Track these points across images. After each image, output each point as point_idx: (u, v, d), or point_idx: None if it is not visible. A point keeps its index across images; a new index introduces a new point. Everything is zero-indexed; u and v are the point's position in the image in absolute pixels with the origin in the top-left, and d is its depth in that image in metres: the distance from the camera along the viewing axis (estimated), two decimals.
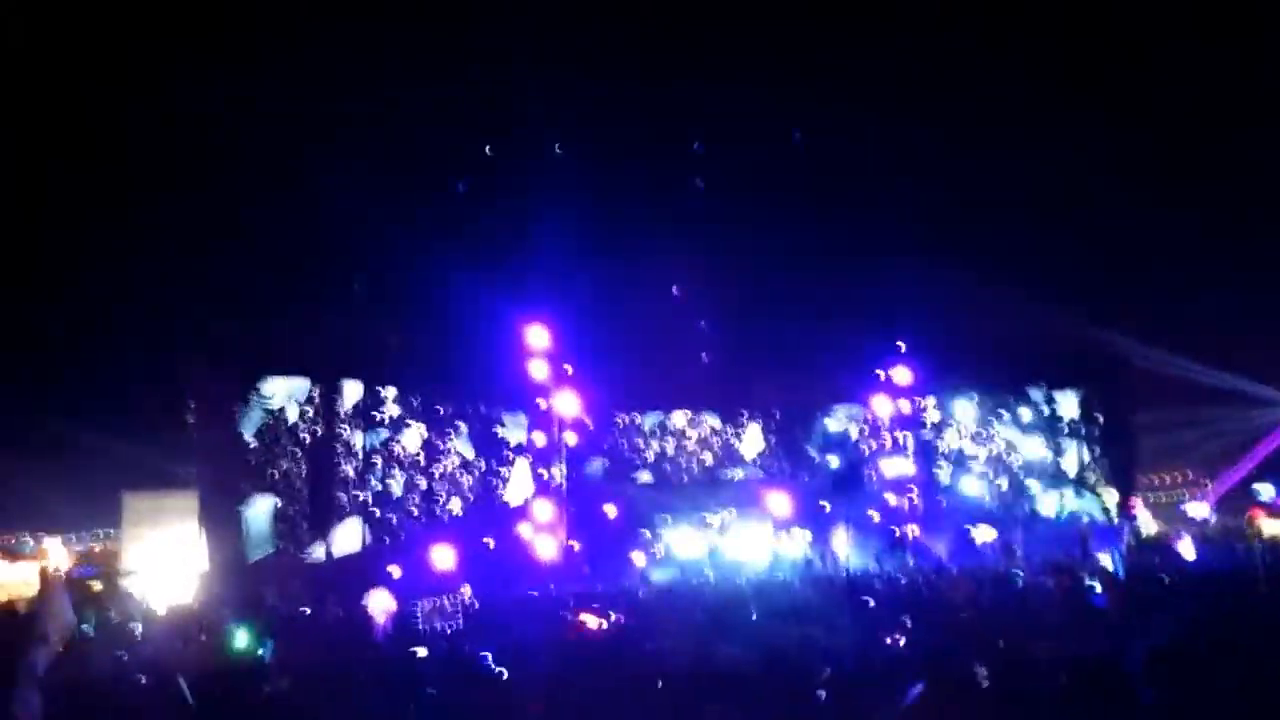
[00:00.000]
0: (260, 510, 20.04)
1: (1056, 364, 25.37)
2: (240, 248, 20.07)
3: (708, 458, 25.30)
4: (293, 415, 20.80)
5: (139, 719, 8.46)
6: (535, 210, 21.50)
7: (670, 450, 25.19)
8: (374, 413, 21.84)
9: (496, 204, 22.01)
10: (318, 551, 20.32)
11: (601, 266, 22.45)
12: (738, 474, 25.28)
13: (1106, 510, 24.72)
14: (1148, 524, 25.10)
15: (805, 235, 22.46)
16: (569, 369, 22.96)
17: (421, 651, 10.78)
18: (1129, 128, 20.68)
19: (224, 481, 19.73)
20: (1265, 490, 25.31)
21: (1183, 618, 8.81)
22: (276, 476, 20.40)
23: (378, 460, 21.69)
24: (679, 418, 25.37)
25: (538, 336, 22.57)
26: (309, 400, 20.99)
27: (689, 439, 25.40)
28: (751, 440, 25.62)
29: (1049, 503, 24.92)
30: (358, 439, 21.52)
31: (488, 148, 21.37)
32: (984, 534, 22.39)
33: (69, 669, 8.26)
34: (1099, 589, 12.40)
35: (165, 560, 20.01)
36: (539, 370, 22.67)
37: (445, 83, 20.71)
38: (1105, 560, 16.54)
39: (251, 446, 20.12)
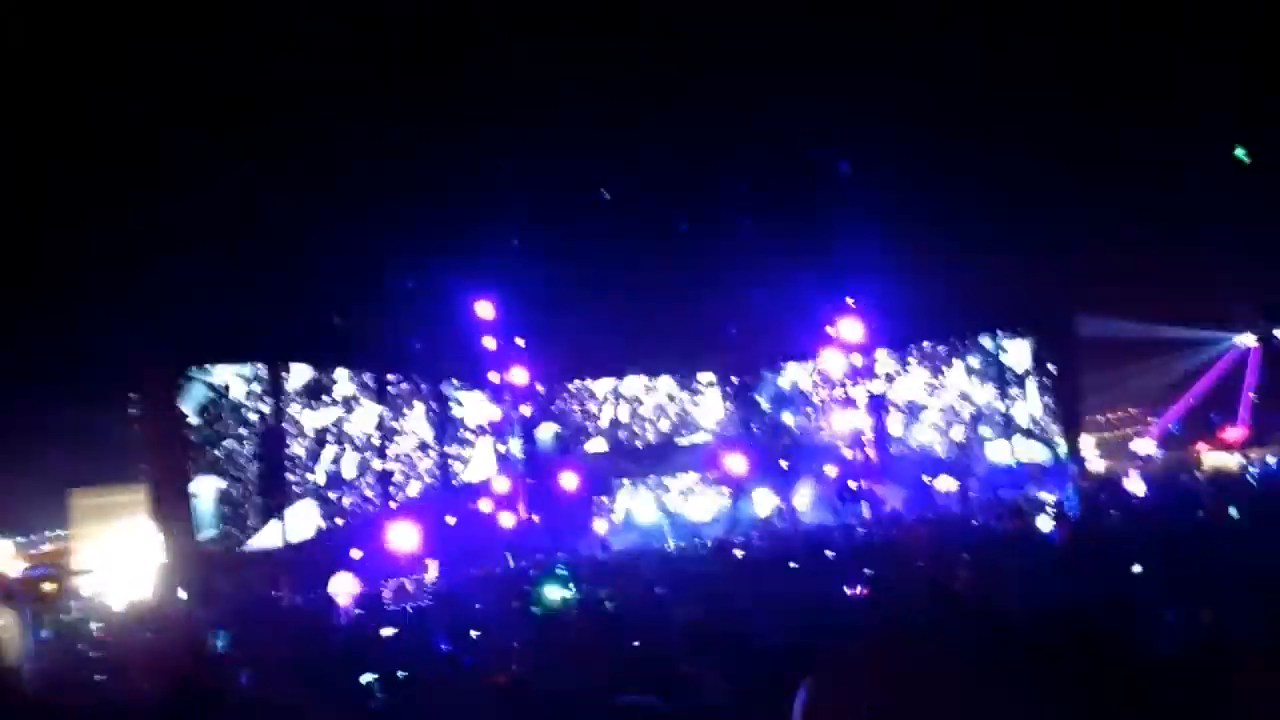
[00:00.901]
0: (205, 493, 19.56)
1: (1005, 311, 25.72)
2: (180, 233, 19.57)
3: (664, 424, 25.43)
4: (238, 392, 20.26)
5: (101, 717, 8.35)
6: (479, 179, 21.26)
7: (625, 417, 25.25)
8: (324, 393, 21.53)
9: (439, 176, 21.68)
10: (266, 535, 19.99)
11: (549, 233, 22.29)
12: (696, 438, 25.44)
13: (1056, 453, 25.21)
14: (1096, 463, 25.69)
15: (753, 192, 22.45)
16: (520, 341, 22.89)
17: (388, 632, 10.74)
18: (1071, 72, 20.77)
19: (171, 471, 19.36)
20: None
21: (1133, 549, 9.01)
22: (220, 457, 19.88)
23: (329, 440, 21.39)
24: (634, 383, 25.43)
25: (486, 309, 22.44)
26: (255, 378, 20.54)
27: (644, 405, 25.50)
28: (710, 406, 25.76)
29: (1001, 449, 25.36)
30: (307, 418, 21.16)
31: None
32: (945, 483, 22.72)
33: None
34: (1050, 528, 12.68)
35: (118, 557, 19.69)
36: (489, 344, 22.56)
37: (390, 59, 20.33)
38: (1054, 500, 16.89)
39: (193, 425, 19.64)
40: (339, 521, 20.88)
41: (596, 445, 24.89)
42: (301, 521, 20.43)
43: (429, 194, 21.37)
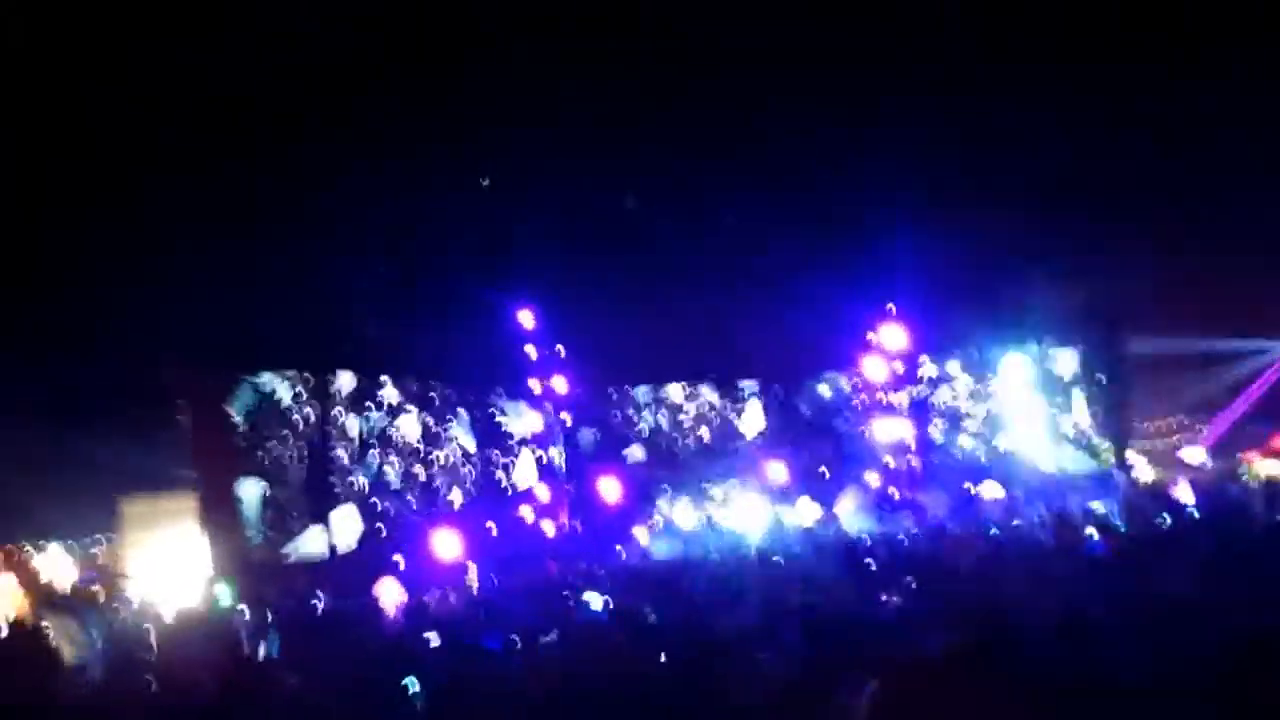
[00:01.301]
0: (249, 496, 19.79)
1: (1051, 319, 25.40)
2: (225, 243, 19.87)
3: (705, 433, 25.34)
4: (285, 396, 20.49)
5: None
6: (522, 189, 21.40)
7: (665, 424, 25.21)
8: (369, 399, 21.69)
9: (483, 187, 21.83)
10: (310, 540, 20.16)
11: (591, 241, 22.37)
12: (738, 445, 25.33)
13: (1103, 462, 24.84)
14: (1145, 472, 25.26)
15: (793, 199, 22.37)
16: (561, 349, 23.01)
17: (433, 638, 10.83)
18: (1122, 78, 20.43)
19: (219, 479, 19.68)
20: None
21: (1187, 560, 8.87)
22: (266, 460, 20.07)
23: (375, 446, 21.57)
24: (674, 390, 25.39)
25: (527, 318, 22.61)
26: (302, 382, 20.77)
27: (686, 413, 25.45)
28: (752, 418, 25.63)
29: (1047, 458, 25.04)
30: (353, 423, 21.33)
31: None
32: (991, 490, 22.44)
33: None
34: (1096, 537, 12.51)
35: (167, 564, 20.00)
36: (531, 352, 22.72)
37: (430, 69, 20.51)
38: (1101, 510, 16.65)
39: (240, 429, 19.85)
40: (380, 528, 21.05)
41: (636, 453, 24.88)
42: (345, 527, 20.64)
43: (472, 202, 21.57)
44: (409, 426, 22.07)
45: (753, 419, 25.52)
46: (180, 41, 17.40)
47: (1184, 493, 18.07)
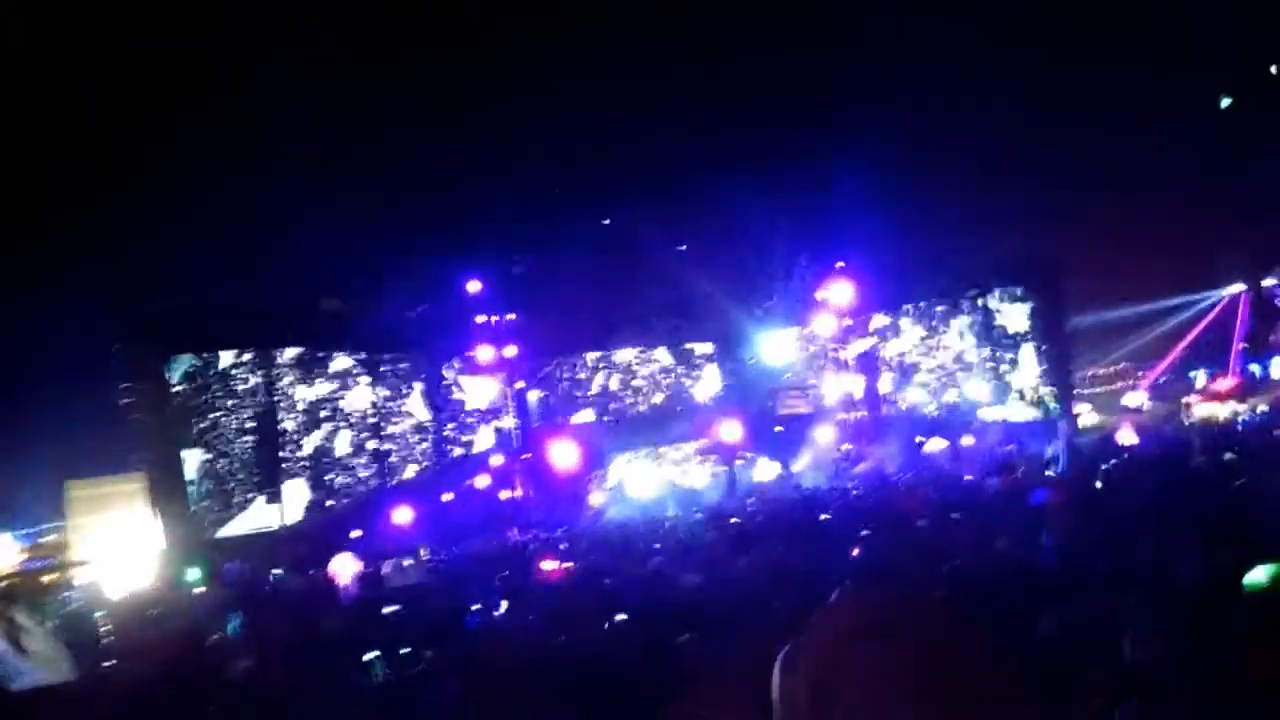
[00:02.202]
0: (189, 467, 19.43)
1: (996, 268, 25.69)
2: (169, 220, 19.47)
3: (658, 398, 25.39)
4: (226, 361, 20.00)
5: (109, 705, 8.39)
6: (472, 154, 21.18)
7: (616, 386, 25.18)
8: (317, 366, 21.28)
9: (429, 154, 21.56)
10: (257, 513, 19.86)
11: (541, 204, 22.25)
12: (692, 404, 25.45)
13: (1048, 409, 25.29)
14: (1088, 417, 25.80)
15: (744, 157, 22.37)
16: (512, 316, 22.90)
17: (390, 610, 10.78)
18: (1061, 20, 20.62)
19: (166, 459, 19.36)
20: (1199, 377, 26.21)
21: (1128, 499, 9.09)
22: (205, 427, 19.71)
23: (323, 416, 21.19)
24: (626, 353, 25.38)
25: (475, 286, 22.43)
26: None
27: (638, 376, 25.46)
28: (708, 381, 25.67)
29: (993, 408, 25.44)
30: (300, 391, 20.96)
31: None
32: (935, 444, 22.80)
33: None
34: (1040, 483, 12.73)
35: (116, 546, 19.72)
36: (480, 321, 22.58)
37: (376, 37, 20.16)
38: (1047, 454, 16.97)
39: (177, 391, 19.36)
40: (330, 502, 20.82)
41: (584, 416, 24.87)
42: (293, 499, 20.35)
43: (422, 173, 21.32)
44: (359, 398, 21.82)
45: (709, 384, 25.63)
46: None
47: (1126, 435, 18.47)
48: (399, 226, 21.04)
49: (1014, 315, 25.86)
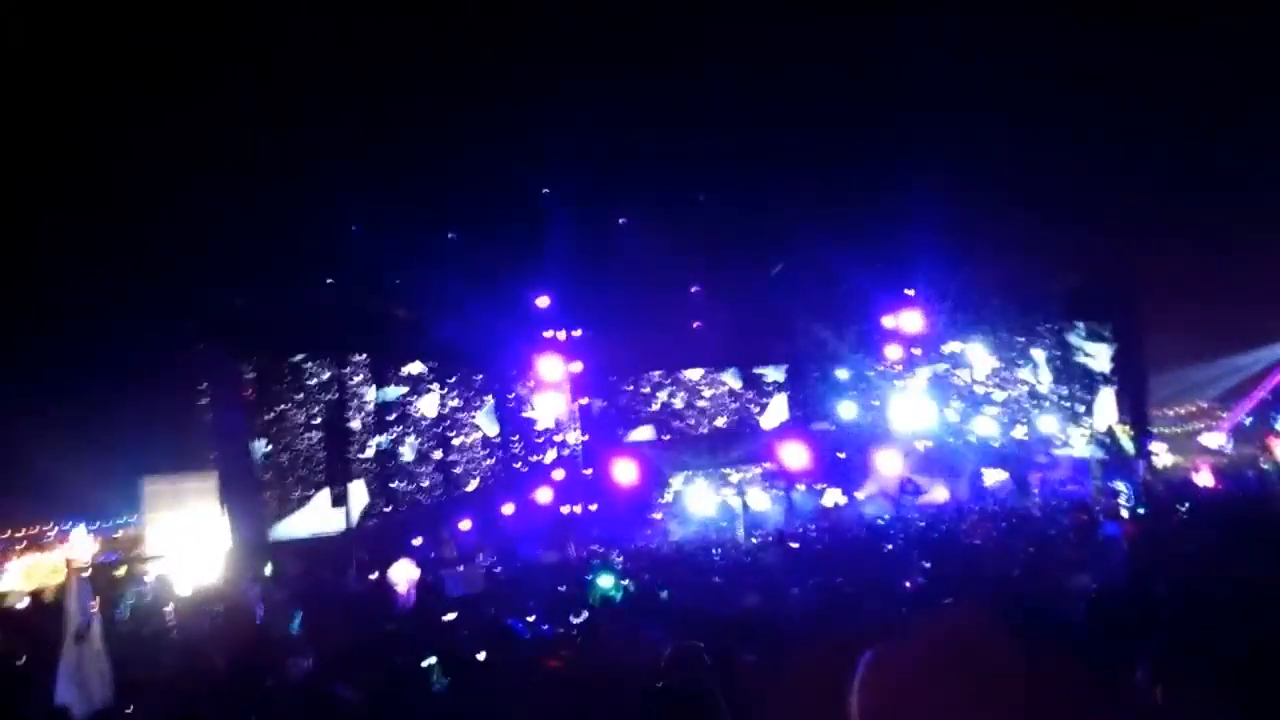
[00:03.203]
0: (258, 456, 19.75)
1: (1074, 302, 25.19)
2: (251, 227, 19.97)
3: (721, 421, 25.14)
4: (298, 355, 20.30)
5: (172, 698, 8.57)
6: (540, 181, 21.39)
7: (679, 404, 25.00)
8: (390, 368, 21.37)
9: (504, 177, 21.81)
10: (313, 510, 20.00)
11: (609, 233, 22.39)
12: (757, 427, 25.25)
13: (1123, 447, 24.68)
14: (1164, 457, 25.11)
15: (813, 185, 22.26)
16: (579, 333, 23.07)
17: (450, 616, 10.87)
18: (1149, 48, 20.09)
19: (236, 455, 19.73)
20: None
21: (1204, 543, 8.82)
22: (271, 419, 19.91)
23: (391, 418, 21.34)
24: (694, 372, 25.20)
25: (545, 302, 22.66)
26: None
27: (703, 397, 25.27)
28: (775, 411, 25.39)
29: (1069, 445, 24.89)
30: (370, 393, 21.14)
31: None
32: (994, 475, 22.38)
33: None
34: (1113, 520, 12.43)
35: (188, 542, 20.19)
36: (548, 336, 22.79)
37: (441, 60, 20.52)
38: (1122, 494, 16.55)
39: (249, 388, 19.68)
40: (388, 508, 20.85)
41: (643, 432, 24.70)
42: (355, 502, 20.35)
43: (492, 188, 21.57)
44: (429, 405, 21.93)
45: (777, 412, 25.38)
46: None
47: (1204, 478, 17.94)
48: (473, 235, 21.26)
49: (1097, 354, 25.27)
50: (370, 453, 20.96)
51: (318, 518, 20.00)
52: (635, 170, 22.09)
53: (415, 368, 21.79)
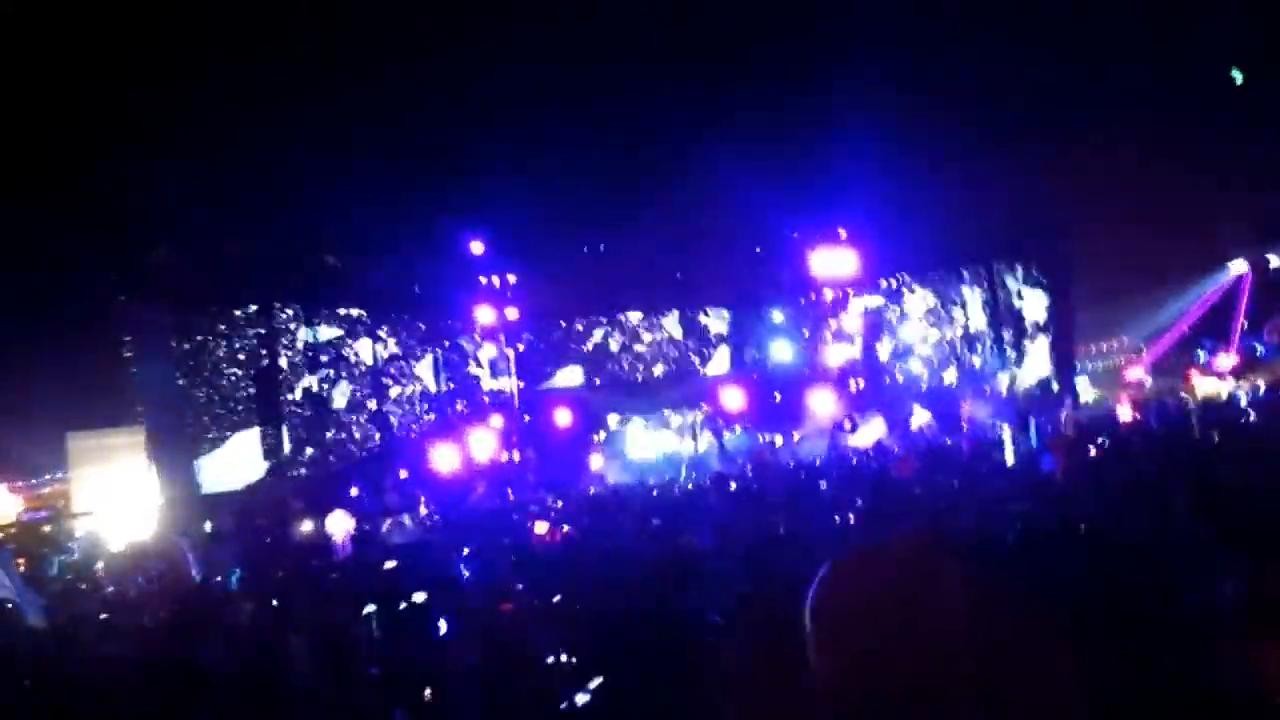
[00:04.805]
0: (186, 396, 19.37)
1: (1000, 240, 25.57)
2: (170, 173, 19.37)
3: (659, 369, 25.04)
4: None
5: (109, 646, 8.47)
6: (476, 121, 20.98)
7: (615, 348, 24.77)
8: (324, 308, 20.81)
9: (438, 117, 21.34)
10: (234, 449, 19.76)
11: (544, 173, 22.06)
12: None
13: (1048, 382, 25.33)
14: (1087, 391, 25.84)
15: (745, 125, 22.16)
16: (513, 278, 22.82)
17: (389, 565, 10.85)
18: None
19: (168, 412, 19.34)
20: (1202, 353, 26.24)
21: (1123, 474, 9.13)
22: (189, 347, 19.51)
23: (325, 359, 20.86)
24: (633, 315, 24.97)
25: (479, 248, 22.36)
26: None
27: (642, 341, 25.07)
28: (718, 361, 25.33)
29: (993, 381, 25.45)
30: (302, 332, 20.63)
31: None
32: (920, 416, 22.76)
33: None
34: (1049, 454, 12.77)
35: (117, 498, 19.80)
36: (483, 282, 22.55)
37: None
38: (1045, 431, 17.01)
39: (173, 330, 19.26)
40: (312, 453, 20.50)
41: (571, 372, 24.46)
42: (257, 441, 20.05)
43: (424, 130, 21.12)
44: (365, 349, 21.45)
45: (719, 362, 25.38)
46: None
47: (1124, 411, 18.53)
48: (401, 180, 20.83)
49: (1033, 303, 25.74)
50: (298, 394, 20.52)
51: (245, 466, 19.70)
52: (568, 106, 21.75)
53: (353, 311, 21.28)
